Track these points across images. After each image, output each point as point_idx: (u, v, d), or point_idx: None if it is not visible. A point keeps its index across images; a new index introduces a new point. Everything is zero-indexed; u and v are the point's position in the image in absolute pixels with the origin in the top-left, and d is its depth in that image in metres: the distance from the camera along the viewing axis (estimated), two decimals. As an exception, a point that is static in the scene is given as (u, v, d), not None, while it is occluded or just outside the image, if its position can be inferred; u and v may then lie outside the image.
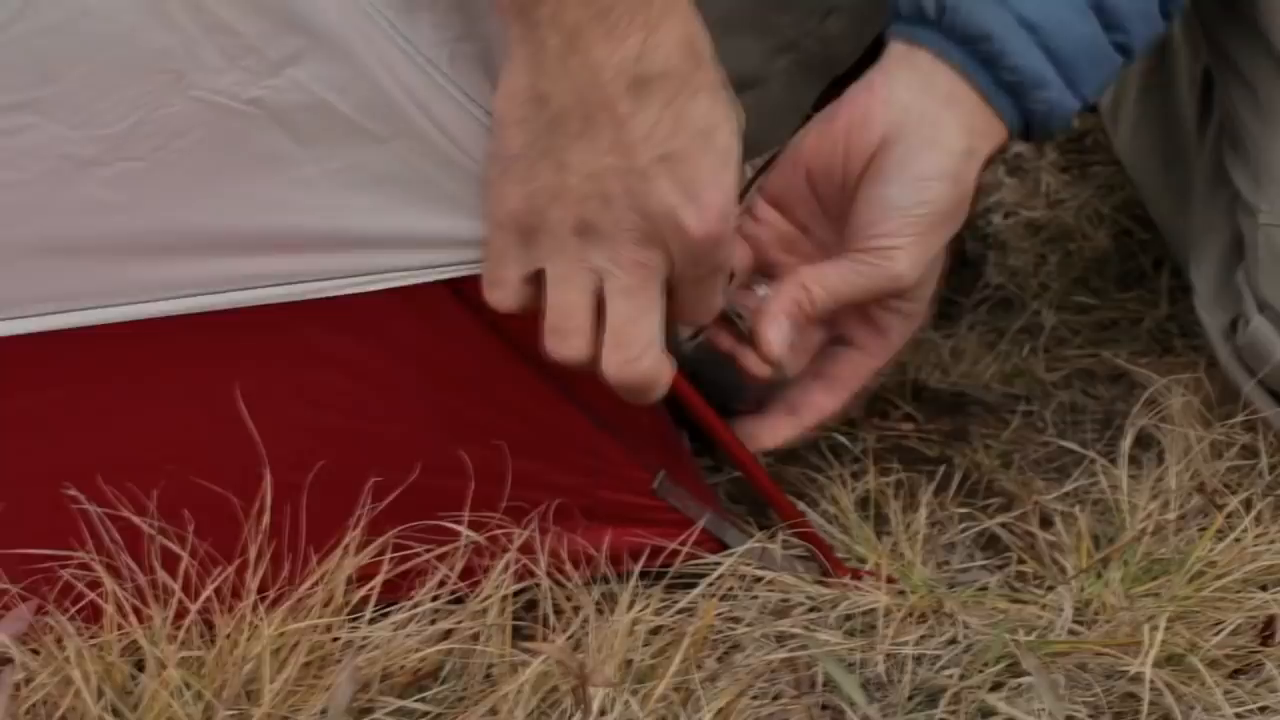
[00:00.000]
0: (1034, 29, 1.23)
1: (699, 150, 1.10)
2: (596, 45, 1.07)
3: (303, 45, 1.09)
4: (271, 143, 1.10)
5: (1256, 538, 1.27)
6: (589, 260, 1.12)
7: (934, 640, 1.21)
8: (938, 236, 1.25)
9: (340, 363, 1.18)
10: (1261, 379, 1.36)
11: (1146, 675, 1.09)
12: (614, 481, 1.25)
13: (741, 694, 1.12)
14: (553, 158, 1.10)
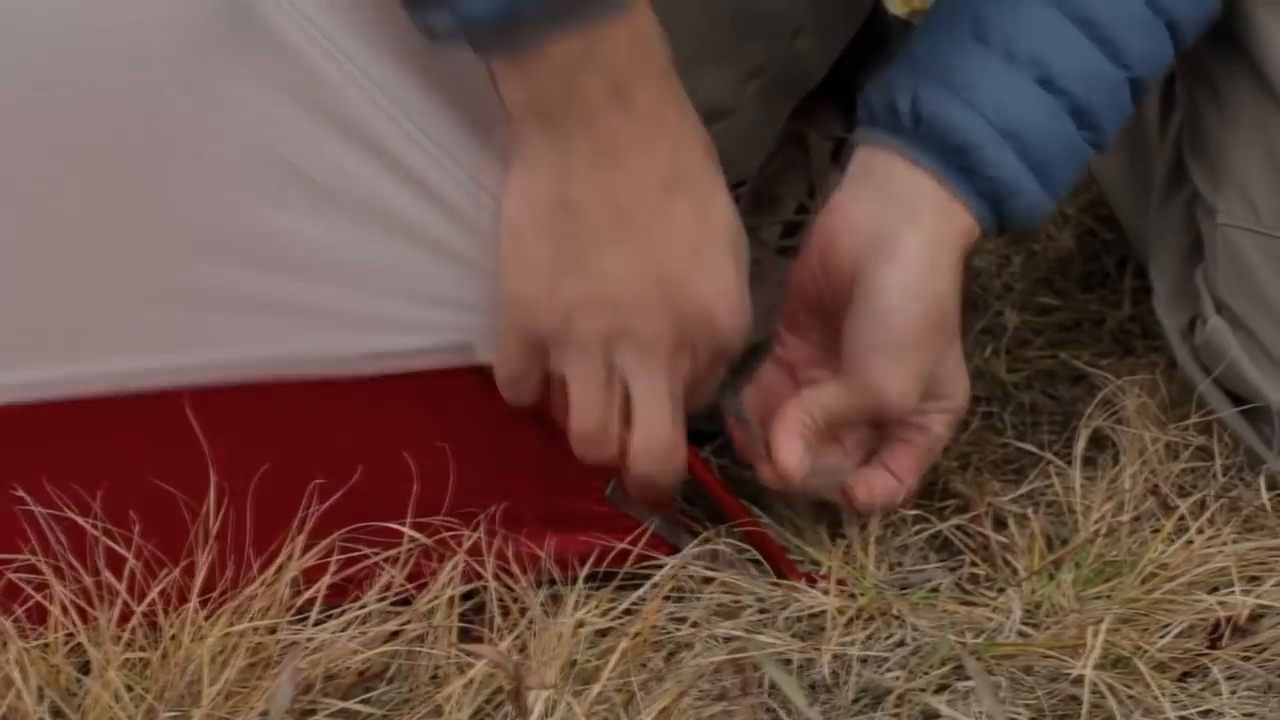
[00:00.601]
0: (1013, 137, 1.23)
1: (721, 247, 1.15)
2: (630, 153, 1.10)
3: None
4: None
5: (1208, 540, 1.26)
6: (617, 364, 1.15)
7: (882, 642, 1.20)
8: (923, 355, 1.25)
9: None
10: (1218, 380, 1.36)
11: (1087, 677, 1.09)
12: (566, 488, 1.25)
13: (683, 695, 1.12)
14: (583, 267, 1.12)
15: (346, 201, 1.13)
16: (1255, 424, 1.34)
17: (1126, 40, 1.25)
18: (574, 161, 1.10)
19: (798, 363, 1.31)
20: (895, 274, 1.23)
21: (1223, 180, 1.36)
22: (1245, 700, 1.15)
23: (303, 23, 1.08)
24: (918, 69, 1.25)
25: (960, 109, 1.23)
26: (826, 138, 1.52)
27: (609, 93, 1.08)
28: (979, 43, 1.25)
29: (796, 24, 1.33)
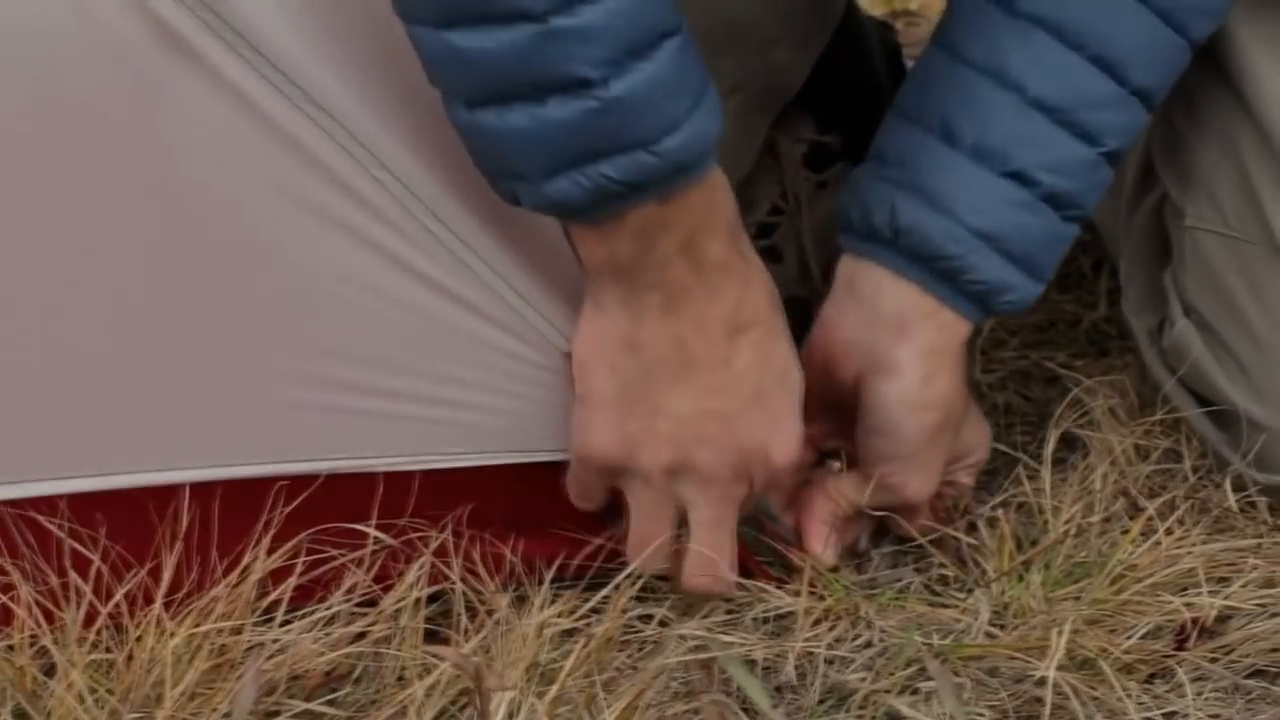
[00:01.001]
0: (990, 239, 1.23)
1: (780, 388, 1.18)
2: (698, 303, 1.14)
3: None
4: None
5: (1176, 542, 1.26)
6: (676, 494, 1.19)
7: (850, 643, 1.21)
8: (933, 456, 1.27)
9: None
10: (1186, 382, 1.35)
11: (1050, 679, 1.09)
12: (538, 489, 1.25)
13: (643, 693, 1.12)
14: (647, 403, 1.15)
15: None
16: (1222, 426, 1.34)
17: (1097, 120, 1.24)
18: (644, 308, 1.13)
19: (818, 436, 1.31)
20: (893, 391, 1.25)
21: (1191, 183, 1.36)
22: (1211, 702, 1.15)
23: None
24: (891, 177, 1.25)
25: (937, 218, 1.23)
26: (798, 140, 1.52)
27: (681, 250, 1.12)
28: (948, 144, 1.24)
29: (770, 37, 1.33)
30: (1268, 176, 1.30)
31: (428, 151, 1.12)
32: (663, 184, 1.08)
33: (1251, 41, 1.31)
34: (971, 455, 1.31)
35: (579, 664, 1.12)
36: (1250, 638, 1.19)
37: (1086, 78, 1.23)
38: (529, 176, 1.08)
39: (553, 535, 1.24)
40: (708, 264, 1.12)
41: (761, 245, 1.50)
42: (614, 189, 1.07)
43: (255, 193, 1.11)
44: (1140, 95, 1.25)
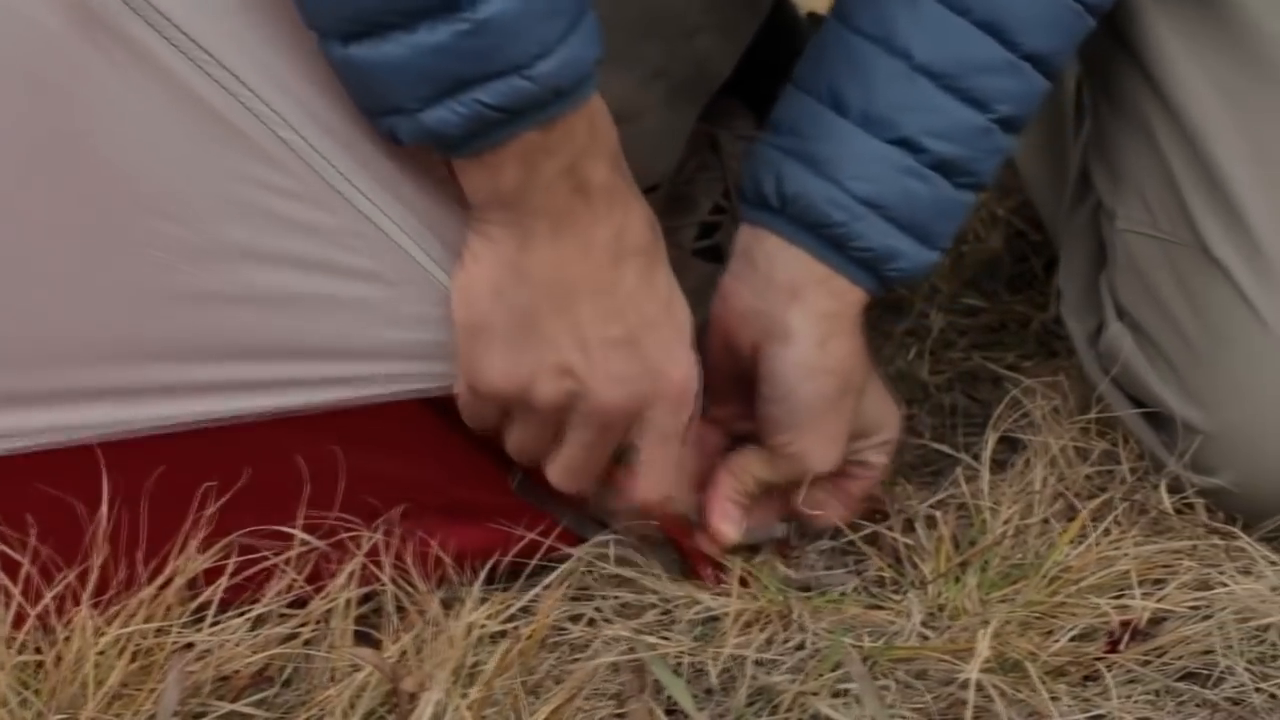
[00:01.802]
0: (875, 206, 1.23)
1: (667, 316, 1.18)
2: (584, 226, 1.13)
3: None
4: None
5: (1112, 544, 1.26)
6: (567, 424, 1.18)
7: (780, 645, 1.20)
8: (833, 421, 1.27)
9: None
10: (1123, 385, 1.35)
11: (972, 681, 1.08)
12: (471, 480, 1.25)
13: (572, 697, 1.11)
14: (536, 332, 1.14)
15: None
16: (1159, 428, 1.33)
17: (986, 86, 1.23)
18: (530, 235, 1.13)
19: (727, 419, 1.31)
20: (790, 354, 1.25)
21: (1122, 185, 1.36)
22: (1141, 705, 1.15)
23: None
24: (782, 145, 1.26)
25: (822, 185, 1.23)
26: (739, 138, 1.52)
27: (565, 176, 1.11)
28: (837, 112, 1.24)
29: (693, 24, 1.33)
30: (1191, 177, 1.31)
31: (316, 97, 1.11)
32: (541, 110, 1.07)
33: (1170, 35, 1.32)
34: (879, 433, 1.30)
35: (505, 666, 1.12)
36: (1183, 640, 1.19)
37: (974, 43, 1.23)
38: (406, 108, 1.07)
39: (490, 524, 1.24)
40: (592, 189, 1.12)
41: (704, 245, 1.51)
42: (491, 116, 1.06)
43: (154, 148, 1.09)
44: (1033, 61, 1.24)
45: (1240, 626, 1.19)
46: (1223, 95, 1.31)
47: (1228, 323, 1.29)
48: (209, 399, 1.15)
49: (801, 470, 1.27)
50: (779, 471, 1.27)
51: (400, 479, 1.22)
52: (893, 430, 1.31)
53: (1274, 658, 1.18)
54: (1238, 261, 1.29)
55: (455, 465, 1.24)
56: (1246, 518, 1.31)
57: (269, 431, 1.18)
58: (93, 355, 1.13)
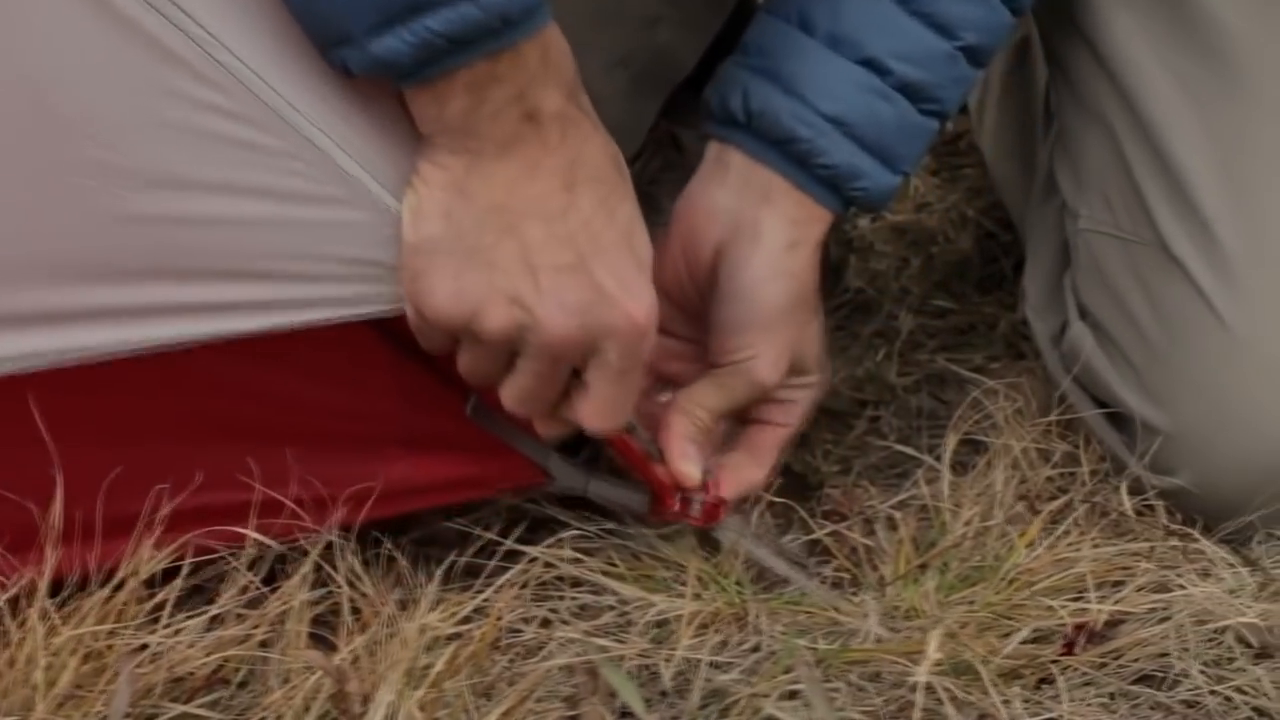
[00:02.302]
0: (840, 123, 1.24)
1: (625, 248, 1.14)
2: (532, 151, 1.11)
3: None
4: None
5: (1070, 545, 1.26)
6: (517, 352, 1.15)
7: (736, 648, 1.20)
8: (787, 330, 1.27)
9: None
10: (1085, 386, 1.35)
11: (920, 683, 1.08)
12: (427, 406, 1.24)
13: (524, 699, 1.11)
14: (482, 254, 1.12)
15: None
16: (1120, 429, 1.33)
17: (949, 12, 1.25)
18: (478, 156, 1.11)
19: (658, 359, 1.29)
20: (757, 253, 1.26)
21: (1085, 184, 1.36)
22: (1094, 708, 1.14)
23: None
24: (749, 64, 1.27)
25: (787, 101, 1.25)
26: (702, 137, 1.51)
27: (514, 103, 1.10)
28: (803, 32, 1.26)
29: (655, 15, 1.33)
30: (1152, 176, 1.31)
31: (259, 26, 1.09)
32: (490, 38, 1.07)
33: (1133, 32, 1.32)
34: (810, 374, 1.29)
35: (454, 668, 1.12)
36: (1139, 643, 1.18)
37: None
38: (355, 38, 1.06)
39: (448, 455, 1.24)
40: (543, 117, 1.10)
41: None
42: (439, 44, 1.06)
43: (81, 72, 1.07)
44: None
45: (1197, 629, 1.19)
46: (1184, 93, 1.31)
47: (1187, 322, 1.29)
48: (151, 324, 1.11)
49: (750, 384, 1.26)
50: (729, 391, 1.27)
51: (356, 410, 1.21)
52: (819, 374, 1.30)
53: (1230, 660, 1.18)
54: (1197, 261, 1.29)
55: (412, 395, 1.23)
56: (1206, 519, 1.30)
57: (219, 363, 1.16)
58: (26, 279, 1.10)
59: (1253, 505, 1.28)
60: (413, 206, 1.11)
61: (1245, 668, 1.17)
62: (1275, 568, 1.28)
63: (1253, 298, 1.27)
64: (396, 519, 1.31)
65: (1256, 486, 1.28)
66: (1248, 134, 1.29)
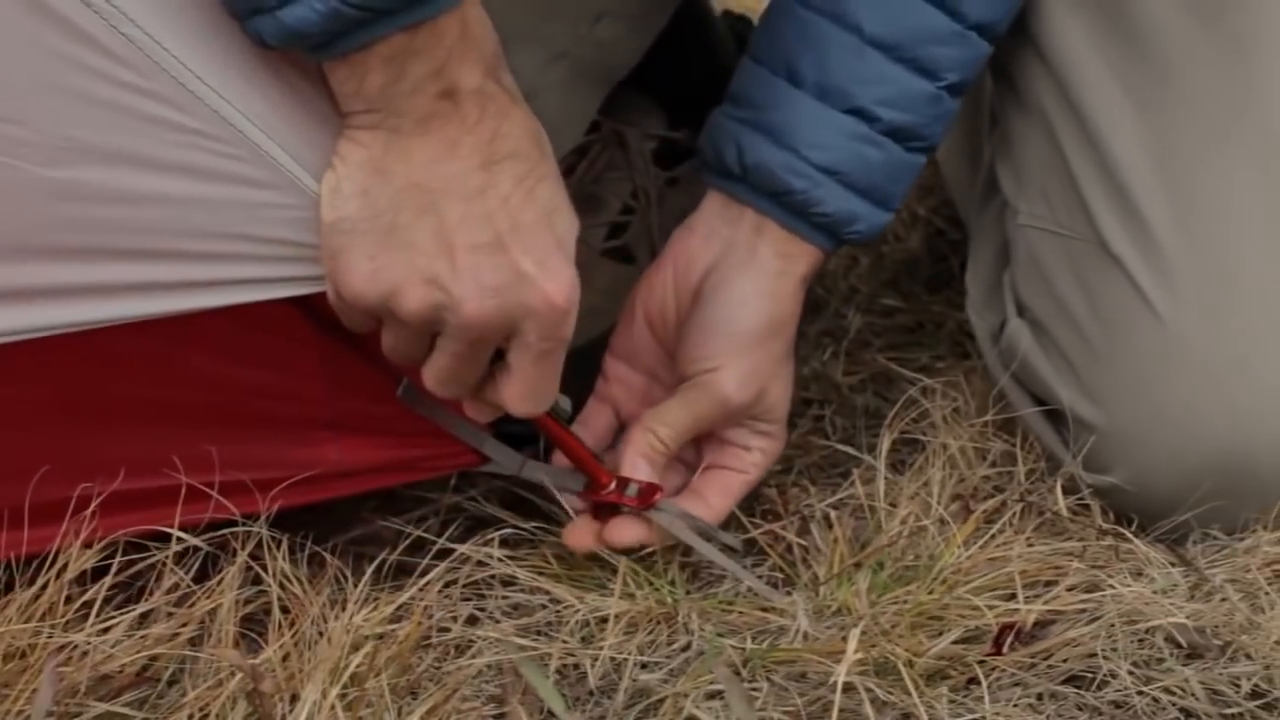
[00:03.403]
0: (833, 172, 1.28)
1: (545, 227, 1.14)
2: (450, 129, 1.10)
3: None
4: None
5: (1001, 545, 1.26)
6: (437, 334, 1.15)
7: (668, 647, 1.20)
8: (761, 353, 1.29)
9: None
10: (1025, 384, 1.35)
11: (839, 683, 1.07)
12: (354, 388, 1.24)
13: (448, 698, 1.11)
14: (400, 239, 1.11)
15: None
16: (1059, 427, 1.33)
17: (933, 56, 1.28)
18: (395, 133, 1.10)
19: (620, 399, 1.32)
20: (747, 273, 1.29)
21: (1024, 181, 1.36)
22: (1021, 708, 1.14)
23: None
24: (741, 117, 1.30)
25: (780, 154, 1.28)
26: (648, 136, 1.52)
27: (432, 78, 1.09)
28: (791, 84, 1.28)
29: (598, 9, 1.33)
30: (1089, 172, 1.31)
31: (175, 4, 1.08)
32: (405, 12, 1.06)
33: (1071, 26, 1.32)
34: (772, 419, 1.30)
35: (375, 667, 1.11)
36: (1069, 643, 1.18)
37: (923, 15, 1.28)
38: (266, 6, 1.05)
39: (378, 439, 1.24)
40: (462, 93, 1.09)
41: (613, 246, 1.51)
42: (350, 14, 1.05)
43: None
44: (979, 30, 1.29)
45: (1127, 629, 1.19)
46: (1123, 91, 1.30)
47: (1123, 318, 1.29)
48: (69, 305, 1.10)
49: (713, 399, 1.27)
50: (691, 406, 1.28)
51: (283, 392, 1.21)
52: (782, 433, 1.31)
53: (1159, 661, 1.17)
54: (1134, 257, 1.29)
55: (340, 377, 1.23)
56: (1141, 518, 1.30)
57: (140, 345, 1.16)
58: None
59: (1187, 504, 1.28)
60: (331, 185, 1.11)
61: (1174, 668, 1.16)
62: (1209, 567, 1.28)
63: (1189, 295, 1.27)
64: (335, 516, 1.32)
65: (1191, 485, 1.27)
66: (1185, 132, 1.29)
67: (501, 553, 1.25)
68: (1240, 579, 1.26)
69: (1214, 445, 1.27)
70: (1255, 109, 1.28)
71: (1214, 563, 1.29)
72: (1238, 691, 1.16)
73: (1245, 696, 1.16)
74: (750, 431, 1.31)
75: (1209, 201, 1.28)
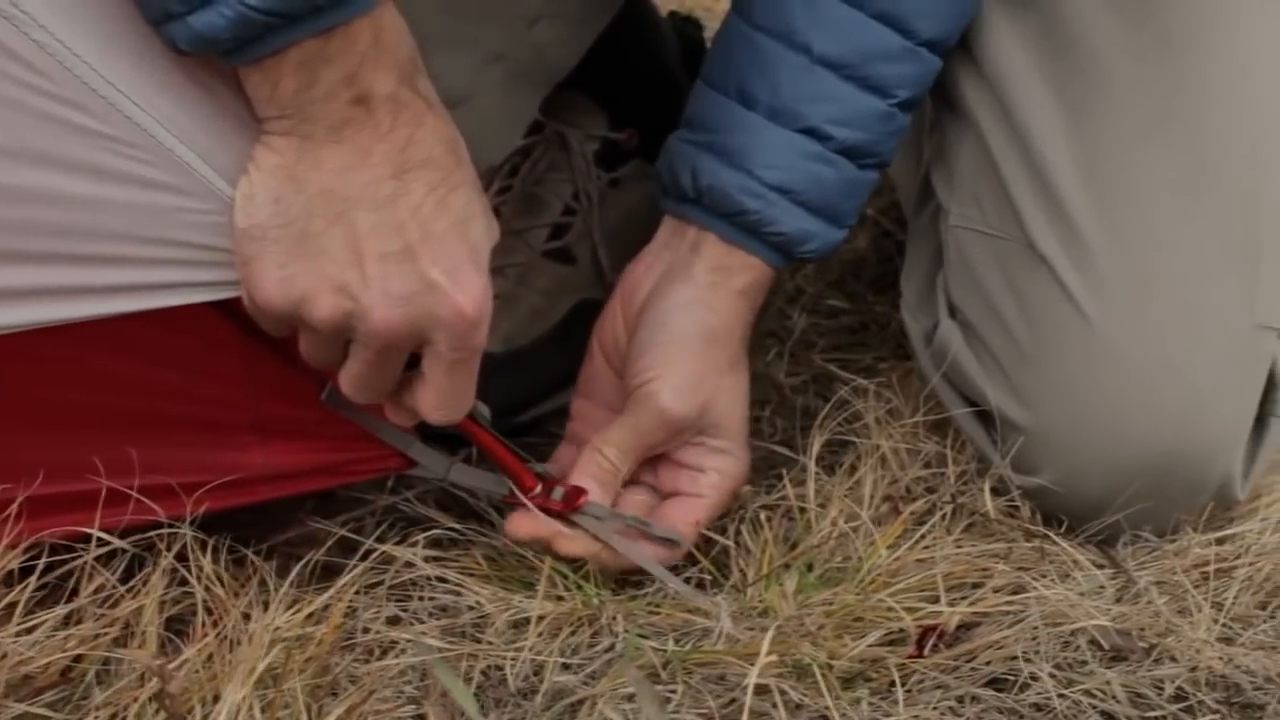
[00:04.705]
0: (786, 191, 1.27)
1: (458, 237, 1.14)
2: (363, 137, 1.10)
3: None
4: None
5: (927, 547, 1.26)
6: (350, 339, 1.15)
7: (592, 648, 1.20)
8: (697, 362, 1.28)
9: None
10: (957, 386, 1.34)
11: (750, 685, 1.07)
12: (277, 391, 1.23)
13: (365, 699, 1.11)
14: (312, 246, 1.11)
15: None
16: (989, 428, 1.33)
17: (885, 74, 1.27)
18: (308, 140, 1.10)
19: (588, 436, 1.31)
20: (680, 287, 1.29)
21: (956, 183, 1.36)
22: (941, 710, 1.14)
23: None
24: (695, 140, 1.29)
25: (734, 175, 1.28)
26: (590, 137, 1.52)
27: (345, 84, 1.09)
28: (744, 106, 1.28)
29: (535, 12, 1.33)
30: (1018, 172, 1.31)
31: (92, 8, 1.08)
32: (315, 18, 1.06)
33: (999, 26, 1.32)
34: (723, 435, 1.29)
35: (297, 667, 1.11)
36: (992, 645, 1.18)
37: (872, 34, 1.27)
38: (176, 11, 1.06)
39: (303, 443, 1.24)
40: (374, 100, 1.10)
41: (554, 247, 1.51)
42: (258, 20, 1.05)
43: None
44: (929, 46, 1.28)
45: (1050, 631, 1.19)
46: (1051, 93, 1.30)
47: (1051, 319, 1.29)
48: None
49: (653, 412, 1.27)
50: (633, 422, 1.27)
51: (208, 396, 1.21)
52: (740, 451, 1.30)
53: (1082, 663, 1.17)
54: (1062, 257, 1.28)
55: (264, 381, 1.22)
56: (1071, 519, 1.30)
57: (61, 350, 1.15)
58: None
59: (1116, 505, 1.28)
60: (244, 192, 1.11)
61: (1096, 670, 1.16)
62: (1139, 569, 1.28)
63: (1116, 296, 1.27)
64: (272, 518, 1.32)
65: (1118, 486, 1.27)
66: (1112, 133, 1.29)
67: (429, 554, 1.25)
68: (1167, 580, 1.26)
69: (1140, 446, 1.27)
70: (1180, 108, 1.28)
71: (1144, 564, 1.29)
72: (1160, 694, 1.16)
73: (1168, 699, 1.16)
74: (705, 450, 1.30)
75: (1134, 201, 1.28)
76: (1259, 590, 1.26)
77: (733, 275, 1.29)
